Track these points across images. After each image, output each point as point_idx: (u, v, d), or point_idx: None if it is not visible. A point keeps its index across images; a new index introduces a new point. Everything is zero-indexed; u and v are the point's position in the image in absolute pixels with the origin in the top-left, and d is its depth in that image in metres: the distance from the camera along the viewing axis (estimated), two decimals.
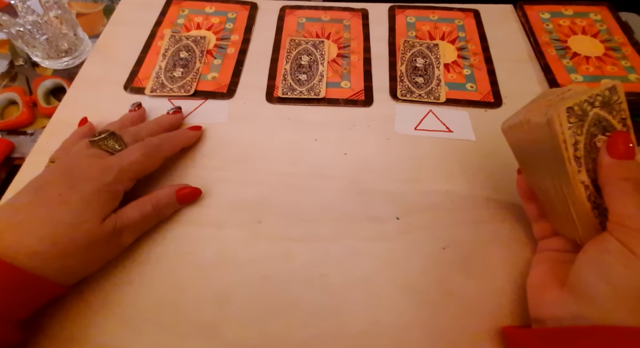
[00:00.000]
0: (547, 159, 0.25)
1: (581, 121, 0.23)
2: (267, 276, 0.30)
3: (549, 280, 0.26)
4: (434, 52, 0.44)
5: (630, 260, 0.21)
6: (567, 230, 0.27)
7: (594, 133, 0.24)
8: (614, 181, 0.23)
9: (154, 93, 0.40)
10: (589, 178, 0.24)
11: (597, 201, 0.24)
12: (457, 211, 0.33)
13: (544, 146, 0.24)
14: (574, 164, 0.23)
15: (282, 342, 0.27)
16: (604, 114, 0.24)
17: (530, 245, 0.31)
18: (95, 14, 0.52)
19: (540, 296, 0.26)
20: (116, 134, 0.31)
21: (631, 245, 0.21)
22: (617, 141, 0.23)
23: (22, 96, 0.43)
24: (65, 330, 0.27)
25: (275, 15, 0.47)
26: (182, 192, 0.32)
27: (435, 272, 0.30)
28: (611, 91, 0.24)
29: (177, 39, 0.44)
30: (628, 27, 0.46)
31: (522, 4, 0.48)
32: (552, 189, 0.26)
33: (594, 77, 0.41)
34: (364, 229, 0.32)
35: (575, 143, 0.23)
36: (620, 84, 0.24)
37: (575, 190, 0.24)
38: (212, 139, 0.37)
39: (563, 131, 0.23)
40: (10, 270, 0.24)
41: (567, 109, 0.23)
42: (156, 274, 0.30)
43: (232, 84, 0.41)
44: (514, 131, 0.27)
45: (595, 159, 0.24)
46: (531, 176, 0.28)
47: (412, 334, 0.28)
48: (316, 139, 0.37)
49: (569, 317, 0.23)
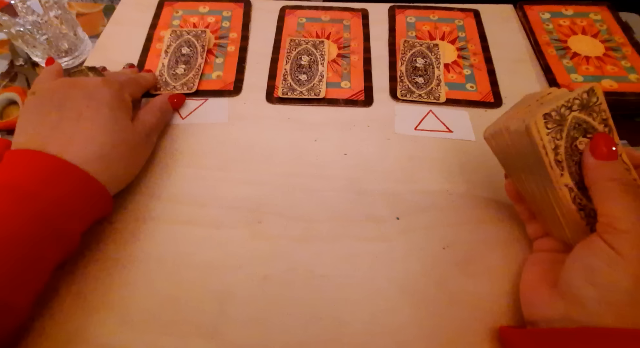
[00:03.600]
0: (530, 165, 0.25)
1: (560, 126, 0.23)
2: (267, 276, 0.30)
3: (540, 281, 0.26)
4: (434, 52, 0.44)
5: (617, 262, 0.21)
6: (556, 232, 0.27)
7: (574, 136, 0.24)
8: (600, 182, 0.23)
9: (158, 92, 0.40)
10: (572, 181, 0.24)
11: (583, 202, 0.24)
12: (457, 211, 0.33)
13: (525, 152, 0.24)
14: (556, 169, 0.23)
15: (282, 342, 0.27)
16: (584, 116, 0.24)
17: (530, 245, 0.31)
18: (95, 14, 0.52)
19: (531, 297, 0.26)
20: (95, 68, 0.33)
21: (618, 246, 0.21)
22: (600, 143, 0.23)
23: (22, 96, 0.43)
24: (65, 330, 0.27)
25: (275, 15, 0.47)
26: (172, 99, 0.37)
27: (435, 272, 0.30)
28: (589, 94, 0.24)
29: (178, 35, 0.44)
30: (628, 27, 0.46)
31: (522, 4, 0.48)
32: (537, 193, 0.26)
33: (594, 77, 0.41)
34: (364, 229, 0.32)
35: (556, 148, 0.23)
36: (598, 86, 0.24)
37: (560, 193, 0.24)
38: (212, 139, 0.37)
39: (541, 137, 0.23)
40: (82, 175, 0.27)
41: (545, 115, 0.23)
42: (156, 274, 0.30)
43: (238, 81, 0.41)
44: (495, 138, 0.28)
45: (579, 162, 0.24)
46: (517, 181, 0.29)
47: (412, 334, 0.28)
48: (316, 139, 0.37)
49: (559, 318, 0.23)
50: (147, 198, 0.33)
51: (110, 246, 0.31)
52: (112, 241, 0.31)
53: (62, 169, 0.26)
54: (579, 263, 0.23)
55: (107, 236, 0.31)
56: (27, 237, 0.24)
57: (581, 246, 0.23)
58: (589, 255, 0.22)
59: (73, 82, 0.30)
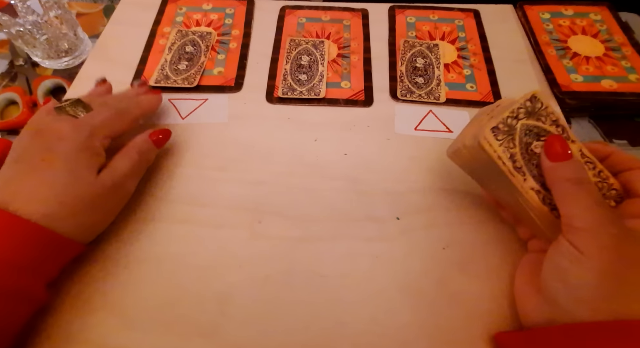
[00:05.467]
0: (494, 176, 0.26)
1: (510, 135, 0.24)
2: (267, 276, 0.30)
3: (529, 286, 0.26)
4: (434, 52, 0.44)
5: (580, 259, 0.21)
6: (538, 233, 0.28)
7: (528, 141, 0.25)
8: (557, 183, 0.23)
9: (158, 84, 0.40)
10: (537, 183, 0.24)
11: (553, 201, 0.24)
12: (457, 211, 0.33)
13: (486, 165, 0.25)
14: (517, 175, 0.24)
15: (282, 342, 0.27)
16: (532, 122, 0.25)
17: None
18: (95, 14, 0.52)
19: (523, 304, 0.26)
20: (82, 101, 0.31)
21: (578, 244, 0.22)
22: (553, 145, 0.24)
23: (22, 96, 0.43)
24: (65, 330, 0.27)
25: (275, 15, 0.47)
26: (154, 137, 0.32)
27: (435, 272, 0.30)
28: (532, 101, 0.25)
29: (183, 34, 0.44)
30: (628, 27, 0.46)
31: (522, 4, 0.48)
32: (510, 200, 0.27)
33: (594, 77, 0.41)
34: (364, 229, 0.32)
35: (512, 156, 0.24)
36: (538, 91, 0.25)
37: (528, 198, 0.24)
38: (212, 139, 0.37)
39: (495, 149, 0.24)
40: (31, 227, 0.25)
41: (492, 129, 0.24)
42: (156, 274, 0.30)
43: (239, 78, 0.42)
44: (457, 156, 0.29)
45: (539, 164, 0.25)
46: (490, 191, 0.30)
47: (412, 334, 0.27)
48: (316, 139, 0.37)
49: (546, 322, 0.24)
50: (147, 198, 0.33)
51: (110, 246, 0.31)
52: (112, 241, 0.31)
53: (4, 222, 0.24)
54: (551, 265, 0.24)
55: (107, 236, 0.31)
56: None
57: (552, 247, 0.24)
58: (557, 255, 0.23)
59: (39, 131, 0.28)
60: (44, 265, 0.26)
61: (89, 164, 0.28)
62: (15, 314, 0.24)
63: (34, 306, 0.26)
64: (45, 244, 0.25)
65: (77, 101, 0.30)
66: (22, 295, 0.24)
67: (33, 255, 0.25)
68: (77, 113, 0.30)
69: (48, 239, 0.25)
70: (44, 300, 0.26)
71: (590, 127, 0.40)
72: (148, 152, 0.32)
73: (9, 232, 0.24)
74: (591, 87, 0.40)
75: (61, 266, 0.27)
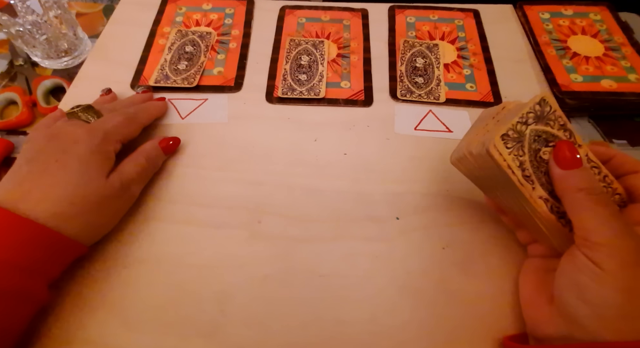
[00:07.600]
0: (501, 183, 0.25)
1: (520, 143, 0.23)
2: (267, 276, 0.30)
3: (539, 295, 0.26)
4: (433, 52, 0.44)
5: (601, 277, 0.21)
6: (542, 240, 0.27)
7: (537, 148, 0.24)
8: (569, 193, 0.23)
9: (158, 84, 0.40)
10: (545, 191, 0.24)
11: (561, 210, 0.24)
12: (457, 211, 0.33)
13: (493, 172, 0.25)
14: (526, 184, 0.23)
15: (282, 342, 0.27)
16: (541, 127, 0.24)
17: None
18: (95, 14, 0.52)
19: (533, 314, 0.26)
20: (93, 107, 0.32)
21: (597, 260, 0.21)
22: (562, 152, 0.23)
23: (22, 96, 0.43)
24: (65, 330, 0.27)
25: (275, 15, 0.47)
26: (163, 144, 0.34)
27: (435, 272, 0.30)
28: (541, 104, 0.24)
29: (183, 34, 0.44)
30: (628, 27, 0.46)
31: (522, 4, 0.48)
32: (516, 208, 0.26)
33: (593, 77, 0.41)
34: (364, 229, 0.32)
35: (521, 164, 0.23)
36: (547, 94, 0.24)
37: (536, 206, 0.24)
38: (212, 139, 0.37)
39: (504, 158, 0.23)
40: (36, 228, 0.25)
41: (502, 136, 0.23)
42: (156, 274, 0.30)
43: (239, 77, 0.42)
44: (462, 163, 0.28)
45: (547, 171, 0.24)
46: (494, 198, 0.29)
47: (412, 334, 0.28)
48: (316, 139, 0.37)
49: (561, 337, 0.23)
50: (147, 198, 0.33)
51: (110, 246, 0.31)
52: (112, 241, 0.31)
53: (10, 223, 0.25)
54: (567, 280, 0.23)
55: (107, 236, 0.31)
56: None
57: (566, 260, 0.23)
58: (574, 271, 0.22)
59: (54, 134, 0.29)
60: (46, 266, 0.26)
61: (100, 167, 0.29)
62: (17, 314, 0.24)
63: (36, 306, 0.26)
64: (49, 245, 0.26)
65: (88, 106, 0.32)
66: (24, 295, 0.25)
67: (36, 255, 0.25)
68: (88, 118, 0.31)
69: (52, 240, 0.26)
70: (45, 300, 0.26)
71: (590, 127, 0.40)
72: (156, 158, 0.34)
73: (13, 233, 0.24)
74: (591, 87, 0.40)
75: (63, 267, 0.27)
